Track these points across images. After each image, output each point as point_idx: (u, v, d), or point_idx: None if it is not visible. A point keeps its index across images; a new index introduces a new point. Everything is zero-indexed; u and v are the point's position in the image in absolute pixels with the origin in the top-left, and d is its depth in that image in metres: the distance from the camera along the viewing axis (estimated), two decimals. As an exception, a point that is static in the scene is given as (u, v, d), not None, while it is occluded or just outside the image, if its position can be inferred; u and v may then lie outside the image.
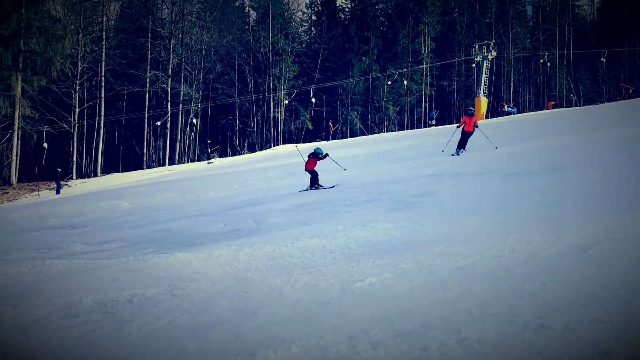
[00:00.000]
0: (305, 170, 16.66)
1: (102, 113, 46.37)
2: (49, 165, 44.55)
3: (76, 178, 43.55)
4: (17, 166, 42.93)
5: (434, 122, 48.02)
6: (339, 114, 56.30)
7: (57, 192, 34.32)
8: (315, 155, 16.35)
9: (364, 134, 50.37)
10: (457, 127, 18.77)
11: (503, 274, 5.20)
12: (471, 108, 18.84)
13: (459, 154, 17.84)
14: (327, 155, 16.69)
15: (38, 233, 15.98)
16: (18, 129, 42.51)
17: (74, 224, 16.51)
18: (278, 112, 54.27)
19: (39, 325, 5.54)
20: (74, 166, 45.01)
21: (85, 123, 46.89)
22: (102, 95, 46.33)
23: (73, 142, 45.42)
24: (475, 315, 4.06)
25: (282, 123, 54.73)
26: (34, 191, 37.57)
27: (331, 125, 47.83)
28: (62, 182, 36.89)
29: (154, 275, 7.04)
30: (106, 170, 46.96)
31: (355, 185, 14.54)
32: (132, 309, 5.68)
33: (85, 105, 46.57)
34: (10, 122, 42.60)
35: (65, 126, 45.02)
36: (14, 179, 42.42)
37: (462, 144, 18.30)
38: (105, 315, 5.61)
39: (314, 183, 15.85)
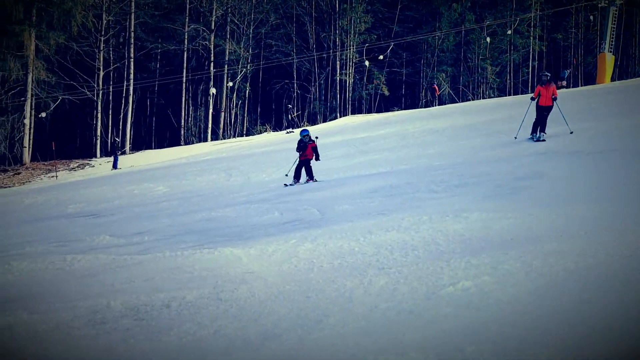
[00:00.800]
0: (303, 158, 17.23)
1: (132, 77, 47.28)
2: (64, 141, 46.89)
3: (100, 156, 45.04)
4: (31, 141, 44.45)
5: (564, 83, 46.77)
6: (422, 76, 55.77)
7: (114, 167, 35.95)
8: (303, 145, 17.15)
9: (454, 102, 49.76)
10: (532, 99, 17.64)
11: (638, 278, 5.07)
12: (546, 74, 18.01)
13: (540, 140, 16.80)
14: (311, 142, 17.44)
15: (56, 222, 16.49)
16: (32, 96, 43.89)
17: (99, 211, 17.00)
18: (346, 74, 54.29)
19: (58, 333, 5.69)
20: (98, 141, 46.40)
21: (111, 89, 48.12)
22: (132, 55, 47.24)
23: (97, 113, 46.76)
24: (601, 332, 3.94)
25: (350, 88, 54.88)
26: (50, 172, 38.91)
27: (436, 87, 47.82)
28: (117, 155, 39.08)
29: (195, 274, 7.18)
30: (136, 147, 48.11)
31: (442, 166, 14.44)
32: (169, 315, 5.81)
33: (111, 68, 47.79)
34: (22, 87, 43.95)
35: (88, 93, 46.23)
36: (27, 157, 43.99)
37: (540, 125, 17.20)
38: (137, 322, 5.74)
39: (310, 175, 16.74)
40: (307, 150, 17.52)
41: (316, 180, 16.91)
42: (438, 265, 6.25)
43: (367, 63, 52.71)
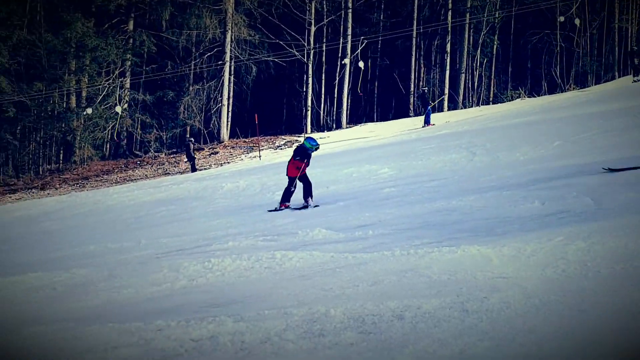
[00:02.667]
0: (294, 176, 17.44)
1: (349, 32, 48.65)
2: (268, 114, 49.63)
3: (311, 131, 46.84)
4: (230, 114, 47.49)
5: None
6: None
7: (427, 123, 36.71)
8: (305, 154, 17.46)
9: None
10: None
11: None
12: None
13: None
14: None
15: (261, 212, 17.61)
16: (230, 59, 46.77)
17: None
18: (626, 20, 51.61)
19: (269, 346, 5.97)
20: (308, 113, 48.39)
21: (324, 48, 49.91)
22: (349, 5, 48.59)
23: (307, 77, 48.65)
24: None
25: (633, 38, 52.06)
26: (252, 151, 41.44)
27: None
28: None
29: (433, 278, 7.29)
30: (354, 120, 49.73)
31: None
32: (402, 328, 5.90)
33: (325, 22, 49.44)
34: (219, 49, 46.92)
35: (297, 53, 48.11)
36: (225, 133, 47.00)
37: None
38: (363, 335, 5.88)
39: (306, 195, 16.99)
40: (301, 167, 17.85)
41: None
42: None
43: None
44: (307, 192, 17.63)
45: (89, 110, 47.23)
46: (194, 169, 38.41)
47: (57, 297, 10.30)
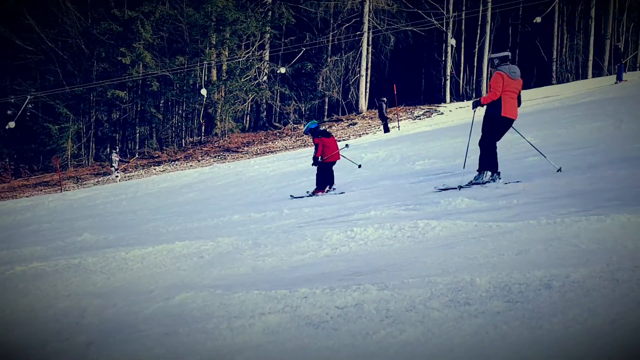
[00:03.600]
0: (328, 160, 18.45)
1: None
2: (407, 83, 49.49)
3: (450, 101, 47.31)
4: (368, 85, 48.12)
5: None
6: None
7: (619, 79, 36.82)
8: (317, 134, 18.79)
9: None
10: (479, 104, 14.89)
11: None
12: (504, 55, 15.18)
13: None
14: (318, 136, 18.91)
15: (403, 181, 17.77)
16: (368, 29, 47.35)
17: (452, 168, 18.13)
18: None
19: (414, 314, 6.02)
20: (447, 83, 48.40)
21: (463, 17, 49.63)
22: None
23: (446, 47, 48.62)
24: None
25: None
26: (391, 121, 41.46)
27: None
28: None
29: (582, 247, 7.14)
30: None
31: None
32: (550, 297, 5.84)
33: None
34: (357, 19, 47.53)
35: (436, 22, 48.16)
36: (363, 104, 47.66)
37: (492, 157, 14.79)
38: (510, 304, 5.85)
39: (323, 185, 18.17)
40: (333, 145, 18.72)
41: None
42: None
43: None
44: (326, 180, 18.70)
45: (204, 92, 48.09)
46: (386, 129, 38.94)
47: (205, 265, 10.53)
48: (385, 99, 42.88)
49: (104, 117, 50.72)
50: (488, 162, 14.64)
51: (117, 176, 43.58)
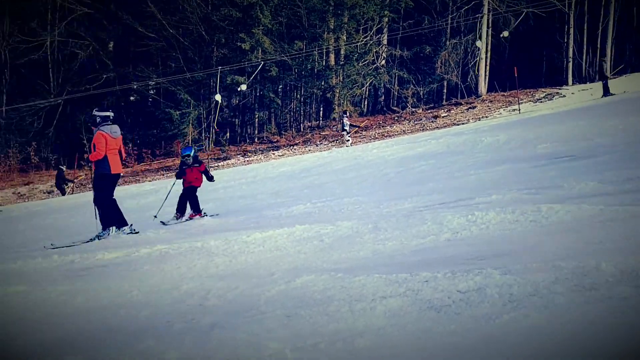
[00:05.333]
0: (187, 185, 18.01)
1: None
2: (527, 66, 48.72)
3: (572, 83, 46.75)
4: (488, 68, 48.04)
5: None
6: None
7: None
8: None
9: None
10: None
11: None
12: None
13: None
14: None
15: (524, 165, 17.65)
16: (488, 11, 47.35)
17: (576, 152, 17.82)
18: None
19: (538, 298, 5.98)
20: (570, 65, 47.80)
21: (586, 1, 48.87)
22: None
23: (568, 28, 48.13)
24: None
25: None
26: (511, 104, 41.80)
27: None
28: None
29: None
30: (620, 68, 48.30)
31: None
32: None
33: None
34: (477, 1, 47.50)
35: (557, 3, 47.41)
36: (482, 87, 47.52)
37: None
38: (638, 289, 5.76)
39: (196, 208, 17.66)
40: (190, 175, 18.12)
41: (205, 215, 17.51)
42: None
43: None
44: (194, 206, 17.96)
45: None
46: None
47: (325, 248, 10.66)
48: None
49: (224, 103, 51.66)
50: (109, 219, 16.02)
51: (348, 140, 43.38)
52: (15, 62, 54.42)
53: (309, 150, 43.77)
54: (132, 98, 49.71)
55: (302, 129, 50.60)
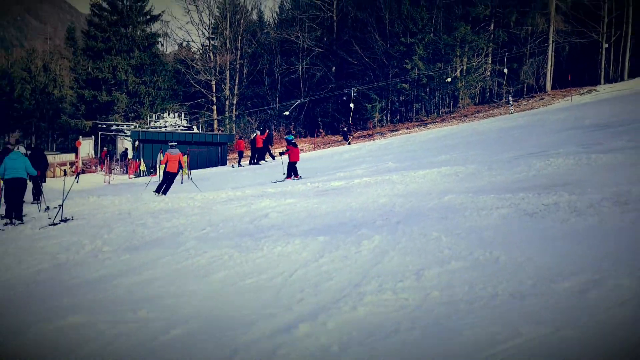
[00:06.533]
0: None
1: (630, 21, 47.34)
2: (577, 73, 47.17)
3: (603, 83, 46.65)
4: (552, 75, 47.91)
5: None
6: None
7: None
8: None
9: None
10: None
11: None
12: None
13: None
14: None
15: (573, 132, 16.98)
16: (552, 42, 47.28)
17: (614, 123, 16.97)
18: None
19: (592, 209, 6.15)
20: (602, 73, 47.60)
21: (612, 31, 48.14)
22: (630, 4, 46.90)
23: (601, 50, 47.71)
24: None
25: None
26: (566, 97, 41.95)
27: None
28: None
29: None
30: (634, 74, 47.74)
31: None
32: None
33: (613, 15, 47.97)
34: (545, 36, 47.53)
35: (595, 36, 47.77)
36: (548, 86, 47.82)
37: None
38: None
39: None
40: (293, 152, 15.73)
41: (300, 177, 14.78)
42: None
43: None
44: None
45: (449, 80, 47.42)
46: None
47: (461, 180, 10.67)
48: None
49: (395, 99, 53.13)
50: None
51: (511, 107, 40.88)
52: (283, 79, 58.79)
53: (444, 125, 43.73)
54: (344, 98, 50.08)
55: (440, 113, 51.63)
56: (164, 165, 15.67)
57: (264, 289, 5.19)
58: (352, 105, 48.24)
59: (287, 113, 49.42)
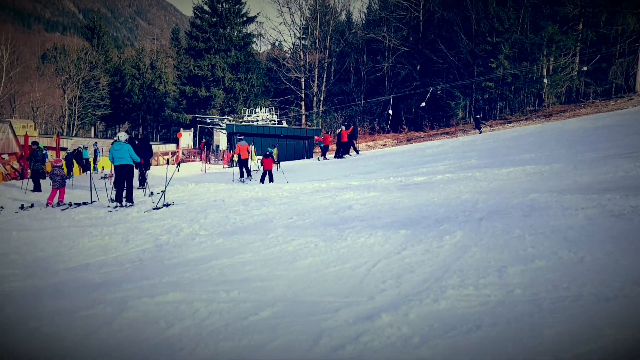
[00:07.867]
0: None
1: None
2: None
3: None
4: None
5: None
6: None
7: None
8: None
9: None
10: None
11: None
12: None
13: None
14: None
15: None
16: None
17: None
18: None
19: None
20: None
21: None
22: None
23: None
24: None
25: None
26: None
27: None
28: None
29: None
30: None
31: None
32: None
33: None
34: (636, 36, 44.87)
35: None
36: (638, 87, 46.03)
37: None
38: None
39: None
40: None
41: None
42: None
43: None
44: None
45: (546, 81, 46.33)
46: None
47: (544, 179, 10.34)
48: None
49: (479, 97, 51.74)
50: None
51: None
52: (368, 77, 59.54)
53: (528, 124, 42.59)
54: (428, 95, 49.92)
55: (524, 112, 50.56)
56: (236, 155, 17.32)
57: (347, 277, 5.24)
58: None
59: (424, 104, 49.53)
